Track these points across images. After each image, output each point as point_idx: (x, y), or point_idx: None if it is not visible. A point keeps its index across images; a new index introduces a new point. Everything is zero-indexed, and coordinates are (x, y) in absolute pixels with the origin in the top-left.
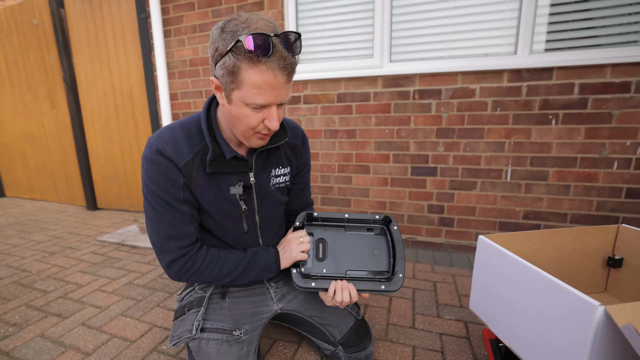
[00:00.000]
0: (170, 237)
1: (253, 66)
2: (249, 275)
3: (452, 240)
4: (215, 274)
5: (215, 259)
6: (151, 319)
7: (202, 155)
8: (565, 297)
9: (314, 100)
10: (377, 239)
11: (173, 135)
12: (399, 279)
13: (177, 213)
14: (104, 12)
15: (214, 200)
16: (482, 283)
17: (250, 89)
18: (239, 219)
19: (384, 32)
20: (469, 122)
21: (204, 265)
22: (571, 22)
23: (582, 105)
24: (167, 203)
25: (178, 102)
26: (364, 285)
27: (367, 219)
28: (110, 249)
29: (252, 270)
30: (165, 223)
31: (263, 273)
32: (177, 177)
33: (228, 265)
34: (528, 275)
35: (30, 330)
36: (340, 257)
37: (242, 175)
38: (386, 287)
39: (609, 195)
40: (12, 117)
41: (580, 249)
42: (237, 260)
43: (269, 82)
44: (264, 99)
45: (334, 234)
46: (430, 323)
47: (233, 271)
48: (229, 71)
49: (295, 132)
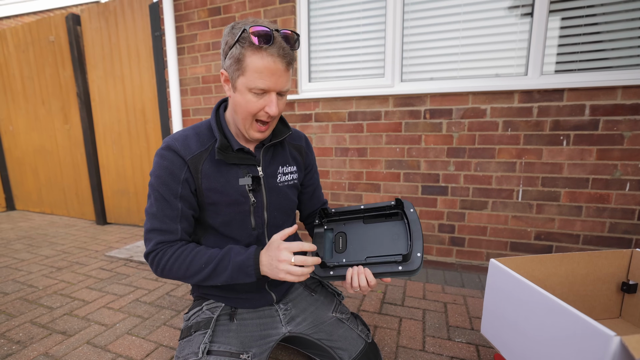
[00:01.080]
0: (154, 229)
1: (256, 52)
2: (222, 275)
3: (463, 260)
4: (184, 270)
5: (185, 254)
6: (157, 337)
7: (211, 151)
8: (580, 326)
9: (325, 119)
10: (395, 224)
11: (184, 133)
12: (417, 258)
13: (168, 209)
14: (119, 29)
15: (222, 191)
16: (494, 308)
17: (253, 74)
18: (247, 213)
19: (395, 51)
20: (479, 142)
21: (171, 261)
22: (581, 45)
23: (593, 127)
24: (163, 197)
25: (190, 119)
26: (381, 268)
27: (383, 206)
28: (118, 265)
29: (225, 269)
30: (156, 216)
31: (238, 274)
32: (179, 171)
33: (198, 261)
34: (541, 301)
35: (34, 349)
36: (360, 247)
37: (250, 167)
38: (404, 268)
39: (622, 217)
40: (26, 131)
41: (594, 273)
42: (209, 257)
43: (269, 67)
44: (264, 83)
45: (353, 226)
46: (440, 346)
47: (204, 269)
48: (236, 59)
49: (298, 134)
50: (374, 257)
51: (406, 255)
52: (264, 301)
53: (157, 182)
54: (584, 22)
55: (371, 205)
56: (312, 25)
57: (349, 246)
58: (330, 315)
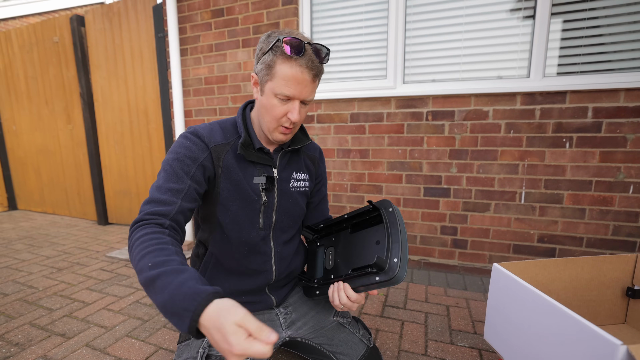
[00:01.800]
0: (152, 200)
1: (286, 61)
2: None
3: (465, 262)
4: (138, 260)
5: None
6: (157, 340)
7: (233, 145)
8: (586, 334)
9: (328, 120)
10: (378, 228)
11: (210, 125)
12: (394, 264)
13: (176, 182)
14: (123, 30)
15: (237, 185)
16: (497, 313)
17: (280, 81)
18: (257, 212)
19: (397, 53)
20: (482, 144)
21: (140, 239)
22: (583, 47)
23: (596, 129)
24: (173, 170)
25: (192, 120)
26: (360, 281)
27: (362, 211)
28: (119, 266)
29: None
30: (159, 188)
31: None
32: (200, 154)
33: (154, 257)
34: (545, 308)
35: (33, 351)
36: (347, 259)
37: (266, 168)
38: (381, 278)
39: (625, 219)
40: (29, 130)
41: (598, 278)
42: (162, 261)
43: (296, 76)
44: (290, 90)
45: (341, 239)
46: (443, 350)
47: (149, 268)
48: (267, 65)
49: (314, 145)
50: (356, 270)
51: (378, 263)
52: (264, 305)
53: (173, 157)
54: (586, 24)
55: (353, 212)
56: (314, 27)
57: (337, 260)
58: (331, 319)
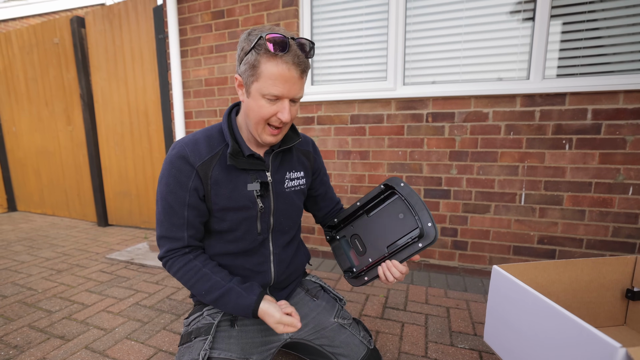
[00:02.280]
0: (163, 237)
1: (271, 59)
2: (222, 307)
3: (465, 264)
4: (191, 287)
5: (190, 274)
6: (157, 342)
7: (220, 155)
8: (585, 336)
9: (328, 121)
10: (394, 203)
11: (194, 138)
12: (429, 228)
13: (175, 217)
14: (124, 32)
15: (230, 196)
16: (497, 315)
17: (267, 80)
18: (254, 219)
19: (397, 55)
20: (482, 146)
21: (179, 274)
22: (583, 49)
23: (595, 131)
24: (170, 206)
25: (192, 121)
26: (405, 253)
27: (376, 194)
28: (119, 268)
29: (225, 305)
30: (163, 223)
31: (238, 311)
32: (187, 180)
33: (201, 286)
34: (545, 310)
35: (32, 354)
36: (377, 240)
37: (259, 173)
38: (423, 244)
39: (625, 221)
40: (29, 132)
41: (598, 280)
42: (211, 287)
43: (283, 74)
44: (278, 90)
45: (361, 224)
46: (443, 352)
47: (205, 296)
48: (251, 65)
49: (306, 140)
50: (393, 245)
51: (419, 232)
52: None
53: (166, 190)
54: (585, 26)
55: (365, 198)
56: (314, 28)
57: (367, 244)
58: (332, 320)
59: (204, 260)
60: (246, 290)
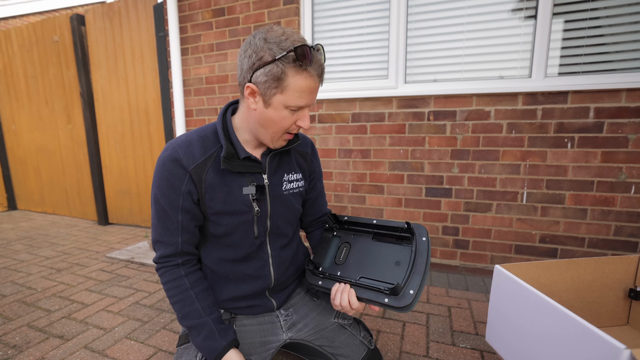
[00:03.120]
0: (158, 241)
1: (299, 72)
2: (192, 339)
3: (467, 263)
4: (172, 304)
5: (177, 290)
6: (156, 342)
7: (215, 158)
8: (589, 338)
9: (329, 120)
10: (402, 249)
11: (188, 139)
12: (408, 295)
13: (168, 221)
14: (124, 30)
15: (224, 201)
16: (499, 315)
17: (294, 93)
18: (250, 223)
19: (399, 53)
20: (484, 144)
21: (166, 286)
22: (585, 47)
23: (597, 129)
24: (164, 209)
25: (193, 119)
26: (367, 294)
27: (395, 226)
28: (119, 266)
29: (195, 338)
30: (158, 228)
31: (202, 350)
32: (180, 183)
33: (179, 309)
34: (548, 311)
35: (30, 354)
36: (359, 264)
37: (256, 176)
38: (390, 302)
39: (627, 220)
40: (29, 130)
41: (600, 279)
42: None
43: (310, 86)
44: (304, 101)
45: (361, 240)
46: (444, 352)
47: (182, 318)
48: (275, 78)
49: (305, 141)
50: (366, 279)
51: (395, 288)
52: (265, 308)
53: (159, 193)
54: (587, 24)
55: (384, 222)
56: (315, 26)
57: (349, 260)
58: (332, 321)
59: (195, 280)
60: (220, 332)
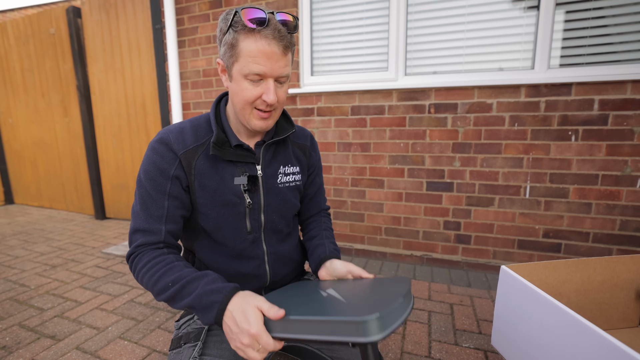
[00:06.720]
0: (138, 230)
1: (249, 36)
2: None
3: (469, 258)
4: (152, 285)
5: (158, 267)
6: (151, 342)
7: (207, 146)
8: (601, 345)
9: (328, 113)
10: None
11: (181, 126)
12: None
13: (154, 207)
14: (120, 22)
15: (214, 190)
16: (505, 319)
17: (247, 58)
18: (242, 216)
19: (399, 45)
20: (486, 137)
21: (144, 270)
22: (589, 38)
23: (602, 122)
24: (149, 193)
25: (190, 112)
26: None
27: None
28: (115, 262)
29: (190, 293)
30: (139, 215)
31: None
32: (169, 167)
33: (167, 278)
34: (559, 316)
35: (20, 355)
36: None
37: (249, 166)
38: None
39: (633, 214)
40: (25, 124)
41: (611, 279)
42: (179, 276)
43: (263, 50)
44: (259, 68)
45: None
46: (447, 352)
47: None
48: (230, 45)
49: (304, 133)
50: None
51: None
52: None
53: (145, 177)
54: (591, 14)
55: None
56: (314, 17)
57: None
58: None
59: (184, 260)
60: (221, 278)
